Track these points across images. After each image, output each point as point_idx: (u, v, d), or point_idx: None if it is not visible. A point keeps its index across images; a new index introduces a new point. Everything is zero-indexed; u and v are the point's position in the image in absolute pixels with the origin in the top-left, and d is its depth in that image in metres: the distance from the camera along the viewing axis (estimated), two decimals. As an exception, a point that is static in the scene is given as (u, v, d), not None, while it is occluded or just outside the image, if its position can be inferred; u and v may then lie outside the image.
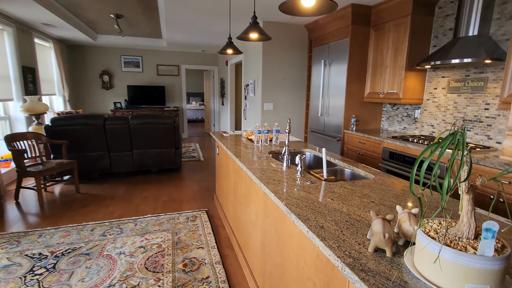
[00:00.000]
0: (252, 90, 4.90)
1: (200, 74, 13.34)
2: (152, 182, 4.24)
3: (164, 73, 7.83)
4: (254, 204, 1.90)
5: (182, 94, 8.06)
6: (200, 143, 7.40)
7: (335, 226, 1.04)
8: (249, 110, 5.30)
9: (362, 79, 3.75)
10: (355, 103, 3.78)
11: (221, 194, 3.13)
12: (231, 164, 2.59)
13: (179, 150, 4.54)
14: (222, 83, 7.64)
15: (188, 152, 6.25)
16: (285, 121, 4.77)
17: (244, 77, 5.50)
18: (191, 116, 12.12)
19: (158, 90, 7.65)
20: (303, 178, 1.61)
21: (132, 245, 2.49)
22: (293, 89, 4.73)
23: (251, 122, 5.21)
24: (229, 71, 6.81)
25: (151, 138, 4.27)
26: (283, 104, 4.71)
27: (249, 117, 5.33)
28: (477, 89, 2.72)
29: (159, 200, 3.56)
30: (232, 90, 6.85)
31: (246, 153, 2.27)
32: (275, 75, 4.56)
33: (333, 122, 3.98)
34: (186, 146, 6.94)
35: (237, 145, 2.58)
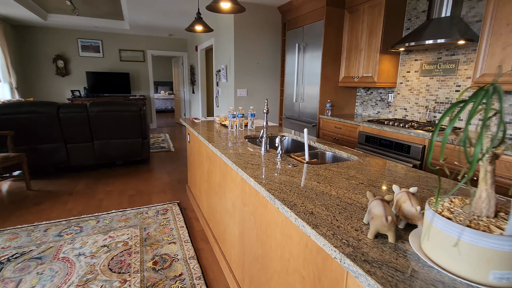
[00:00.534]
0: (224, 75, 4.67)
1: (168, 62, 12.69)
2: (118, 175, 3.90)
3: (128, 59, 7.27)
4: (230, 193, 1.73)
5: (149, 82, 7.56)
6: (170, 134, 7.03)
7: (326, 211, 0.91)
8: (221, 97, 5.07)
9: (337, 63, 3.68)
10: (330, 88, 3.72)
11: (194, 185, 2.93)
12: (203, 151, 2.39)
13: (146, 140, 4.21)
14: (192, 70, 7.27)
15: (157, 143, 5.89)
16: (259, 107, 4.61)
17: (215, 62, 5.23)
18: (160, 106, 11.54)
19: (122, 78, 7.09)
20: (284, 162, 1.47)
21: (93, 244, 2.22)
22: (267, 74, 4.57)
23: (224, 110, 4.99)
24: (199, 56, 6.47)
25: (115, 127, 3.90)
26: (257, 90, 4.55)
27: (221, 104, 5.10)
28: (449, 72, 2.75)
29: (125, 194, 3.27)
30: (203, 77, 6.54)
31: (220, 138, 2.08)
32: (248, 60, 4.36)
33: (308, 108, 3.90)
34: (155, 137, 6.55)
35: (210, 131, 2.38)
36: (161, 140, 6.21)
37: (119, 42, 7.11)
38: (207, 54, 6.68)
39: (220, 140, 2.02)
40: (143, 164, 4.40)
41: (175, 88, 8.69)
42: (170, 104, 11.70)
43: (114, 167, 4.21)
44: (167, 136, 6.63)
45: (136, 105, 3.97)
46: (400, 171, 1.34)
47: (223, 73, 4.69)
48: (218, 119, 2.80)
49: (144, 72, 7.48)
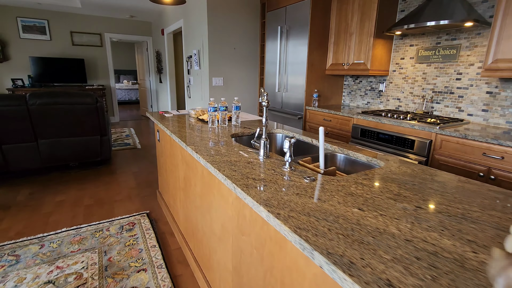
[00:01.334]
0: (197, 62, 4.13)
1: (130, 48, 11.61)
2: (71, 180, 3.26)
3: (82, 43, 6.35)
4: (218, 211, 1.31)
5: (109, 69, 6.71)
6: (135, 128, 6.32)
7: (411, 278, 0.54)
8: (194, 87, 4.53)
9: (324, 49, 3.34)
10: (317, 77, 3.38)
11: (167, 191, 2.45)
12: (178, 153, 1.93)
13: (106, 137, 3.59)
14: (159, 56, 6.56)
15: (120, 139, 5.20)
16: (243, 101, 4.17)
17: (185, 47, 4.65)
18: (122, 97, 10.54)
19: (76, 64, 6.18)
20: (296, 174, 1.08)
21: (33, 281, 1.69)
22: (245, 61, 4.11)
23: (197, 101, 4.46)
24: (166, 41, 5.80)
25: (65, 123, 3.23)
26: (235, 79, 4.08)
27: (194, 95, 4.57)
28: (449, 58, 2.53)
29: (80, 204, 2.69)
30: (171, 64, 5.89)
31: (201, 138, 1.64)
32: (224, 45, 3.87)
33: (293, 99, 3.54)
34: (118, 132, 5.82)
35: (185, 128, 1.91)
36: (125, 135, 5.52)
37: (70, 23, 6.16)
38: (176, 39, 6.02)
39: (201, 141, 1.57)
40: (103, 165, 3.77)
41: (140, 77, 7.88)
42: (134, 94, 10.75)
43: (67, 170, 3.55)
44: (132, 131, 5.94)
45: (91, 96, 3.32)
46: (450, 182, 1.02)
47: (195, 59, 4.15)
48: (194, 113, 2.33)
49: (102, 59, 6.61)
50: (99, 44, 6.51)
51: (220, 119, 2.01)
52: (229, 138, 1.64)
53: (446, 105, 2.60)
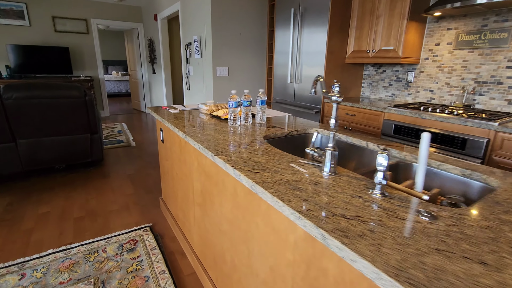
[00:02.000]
0: (198, 50, 3.69)
1: (119, 37, 10.93)
2: (58, 186, 2.84)
3: (66, 30, 5.77)
4: (265, 248, 0.95)
5: (97, 59, 6.16)
6: (127, 123, 5.84)
7: None
8: (194, 78, 4.10)
9: (344, 34, 2.97)
10: (336, 66, 3.01)
11: (174, 202, 2.07)
12: (193, 160, 1.55)
13: (97, 135, 3.15)
14: (151, 44, 6.04)
15: (112, 136, 4.74)
16: (242, 90, 3.76)
17: (183, 33, 4.19)
18: (112, 89, 9.94)
19: (60, 53, 5.62)
20: (395, 203, 0.72)
21: (10, 330, 1.30)
22: (251, 49, 3.70)
23: (197, 93, 4.04)
24: (159, 28, 5.29)
25: (48, 120, 2.78)
26: (240, 68, 3.67)
27: (194, 86, 4.14)
28: (498, 43, 2.20)
29: (68, 217, 2.28)
30: (166, 53, 5.40)
31: (225, 141, 1.26)
32: (229, 30, 3.44)
33: (308, 91, 3.17)
34: (110, 128, 5.34)
35: (201, 128, 1.53)
36: (117, 131, 5.06)
37: (52, 7, 5.56)
38: (171, 24, 5.52)
39: (228, 145, 1.20)
40: (94, 167, 3.34)
41: (130, 67, 7.33)
42: (125, 86, 10.15)
43: (52, 174, 3.11)
44: (124, 126, 5.46)
45: (78, 89, 2.87)
46: None
47: (196, 47, 3.71)
48: (206, 108, 1.94)
49: (89, 47, 6.04)
50: (85, 31, 5.94)
51: (242, 116, 1.63)
52: (263, 142, 1.27)
53: (492, 97, 2.28)
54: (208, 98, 3.67)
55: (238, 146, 1.20)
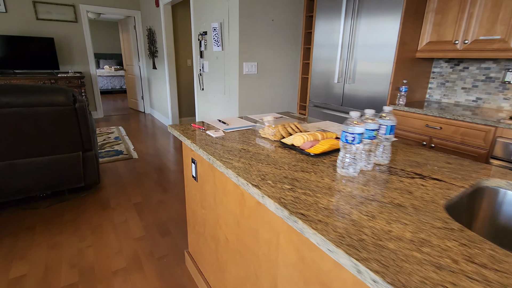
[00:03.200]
0: (217, 41, 2.94)
1: (111, 27, 10.01)
2: (39, 224, 2.10)
3: (51, 17, 4.91)
4: None
5: (87, 51, 5.33)
6: (125, 125, 5.06)
7: None
8: (210, 76, 3.35)
9: (417, 21, 2.27)
10: (406, 62, 2.32)
11: (217, 273, 1.36)
12: (281, 239, 0.83)
13: (91, 152, 2.40)
14: (151, 35, 5.22)
15: (108, 144, 3.98)
16: (274, 93, 3.04)
17: (196, 20, 3.42)
18: (104, 85, 9.06)
19: (43, 45, 4.77)
20: None
21: None
22: (284, 40, 2.97)
23: (214, 95, 3.30)
24: (162, 15, 4.49)
25: (26, 136, 2.03)
26: (271, 64, 2.95)
27: (210, 86, 3.40)
28: None
29: (55, 280, 1.56)
30: (170, 45, 4.62)
31: (361, 223, 0.55)
32: (260, 15, 2.70)
33: (364, 92, 2.47)
34: (104, 133, 4.56)
35: (282, 178, 0.81)
36: (113, 138, 4.28)
37: (32, -11, 4.69)
38: (176, 11, 4.71)
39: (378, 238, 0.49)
40: (89, 193, 2.60)
41: (126, 62, 6.50)
42: (119, 82, 9.28)
43: (32, 204, 2.36)
44: (121, 131, 4.68)
45: (66, 93, 2.10)
46: None
47: (215, 37, 2.96)
48: (272, 132, 1.22)
49: (78, 38, 5.20)
50: (73, 19, 5.09)
51: (362, 156, 0.92)
52: (448, 220, 0.57)
53: None
54: (230, 101, 2.95)
55: (401, 240, 0.49)
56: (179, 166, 3.26)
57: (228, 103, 2.96)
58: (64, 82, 4.76)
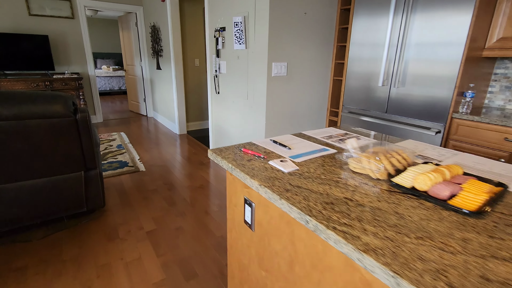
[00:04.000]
0: (240, 37, 2.54)
1: (109, 25, 9.56)
2: (31, 263, 1.69)
3: (45, 13, 4.47)
4: None
5: (85, 50, 4.90)
6: (127, 131, 4.64)
7: None
8: (227, 78, 2.96)
9: (488, 14, 1.90)
10: (473, 62, 1.95)
11: None
12: None
13: (95, 170, 1.99)
14: (156, 33, 4.81)
15: (111, 154, 3.56)
16: (305, 97, 2.64)
17: (211, 14, 3.02)
18: (102, 86, 8.61)
19: (36, 43, 4.33)
20: None
21: None
22: (315, 35, 2.58)
23: (234, 100, 2.90)
24: (168, 10, 4.08)
25: (15, 155, 1.62)
26: (301, 64, 2.56)
27: (228, 89, 3.00)
28: None
29: None
30: (177, 44, 4.21)
31: None
32: (291, 6, 2.31)
33: (418, 98, 2.10)
34: (105, 141, 4.14)
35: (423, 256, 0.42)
36: (116, 146, 3.86)
37: (24, -18, 4.25)
38: (183, 6, 4.30)
39: None
40: (92, 219, 2.19)
41: (126, 61, 6.07)
42: (117, 83, 8.83)
43: (24, 235, 1.95)
44: (123, 137, 4.26)
45: (64, 101, 1.70)
46: None
47: (237, 33, 2.56)
48: (377, 168, 0.83)
49: (75, 36, 4.77)
50: (70, 15, 4.65)
51: None
52: None
53: None
54: (254, 107, 2.56)
55: None
56: (193, 180, 2.86)
57: (251, 109, 2.57)
58: (60, 84, 4.33)
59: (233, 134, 2.95)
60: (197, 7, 4.41)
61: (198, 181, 2.86)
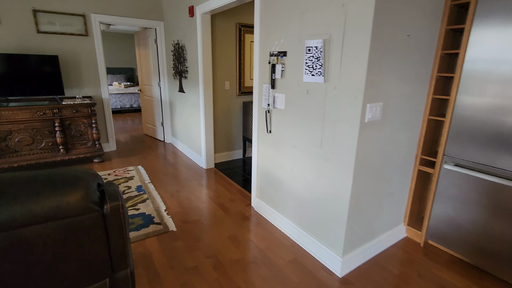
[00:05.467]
0: (315, 67, 1.90)
1: (124, 39, 9.11)
2: None
3: (55, 30, 3.92)
4: None
5: (99, 70, 4.32)
6: (145, 163, 3.98)
7: None
8: (285, 114, 2.30)
9: None
10: None
11: None
12: None
13: (125, 271, 1.33)
14: (180, 51, 4.22)
15: (131, 202, 2.90)
16: (396, 143, 1.97)
17: (264, 35, 2.40)
18: (113, 104, 8.06)
19: (44, 65, 3.76)
20: None
21: None
22: (414, 63, 1.92)
23: (293, 144, 2.23)
24: (198, 27, 3.49)
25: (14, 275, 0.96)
26: (396, 103, 1.90)
27: (284, 129, 2.34)
28: None
29: None
30: (207, 65, 3.60)
31: None
32: (395, 27, 1.66)
33: None
34: (121, 178, 3.49)
35: None
36: (135, 188, 3.20)
37: (33, -5, 3.72)
38: (215, 21, 3.71)
39: None
40: (116, 330, 1.50)
41: (142, 81, 5.49)
42: (129, 101, 8.28)
43: None
44: (142, 173, 3.61)
45: (86, 187, 1.04)
46: None
47: (311, 60, 1.92)
48: None
49: (88, 55, 4.20)
50: (83, 32, 4.10)
51: None
52: None
53: None
54: (331, 159, 1.89)
55: None
56: (242, 249, 2.18)
57: (327, 163, 1.90)
58: (70, 111, 3.73)
59: (291, 186, 2.29)
60: (229, 23, 3.83)
61: (249, 251, 2.18)
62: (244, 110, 4.17)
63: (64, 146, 3.80)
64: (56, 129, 3.69)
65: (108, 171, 3.72)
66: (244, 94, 4.21)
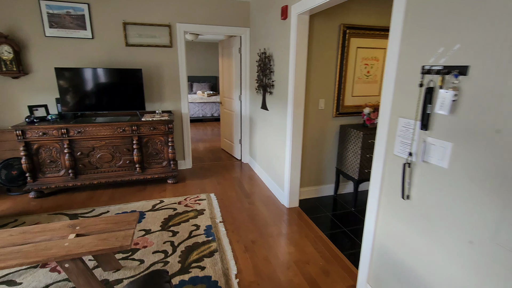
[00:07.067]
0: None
1: (208, 48, 9.20)
2: None
3: (141, 42, 3.75)
4: None
5: (180, 84, 4.03)
6: (218, 191, 3.43)
7: None
8: (451, 180, 1.31)
9: None
10: None
11: None
12: None
13: None
14: (266, 62, 3.56)
15: (196, 253, 2.31)
16: None
17: (412, 40, 1.45)
18: (195, 113, 8.09)
19: (129, 79, 3.59)
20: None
21: None
22: None
23: (461, 235, 1.21)
24: (293, 30, 2.74)
25: None
26: None
27: (445, 204, 1.34)
28: None
29: None
30: (300, 79, 2.81)
31: None
32: None
33: None
34: (191, 211, 2.99)
35: None
36: (203, 230, 2.62)
37: (123, 6, 3.60)
38: (313, 24, 2.90)
39: None
40: None
41: (224, 94, 5.09)
42: (210, 110, 8.21)
43: None
44: (214, 206, 3.04)
45: None
46: None
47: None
48: None
49: (170, 67, 3.94)
50: (167, 43, 3.84)
51: None
52: None
53: None
54: None
55: None
56: None
57: None
58: (148, 128, 3.46)
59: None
60: (330, 24, 2.95)
61: None
62: (341, 136, 3.22)
63: (141, 164, 3.57)
64: (134, 146, 3.47)
65: (179, 198, 3.31)
66: (343, 115, 3.26)
